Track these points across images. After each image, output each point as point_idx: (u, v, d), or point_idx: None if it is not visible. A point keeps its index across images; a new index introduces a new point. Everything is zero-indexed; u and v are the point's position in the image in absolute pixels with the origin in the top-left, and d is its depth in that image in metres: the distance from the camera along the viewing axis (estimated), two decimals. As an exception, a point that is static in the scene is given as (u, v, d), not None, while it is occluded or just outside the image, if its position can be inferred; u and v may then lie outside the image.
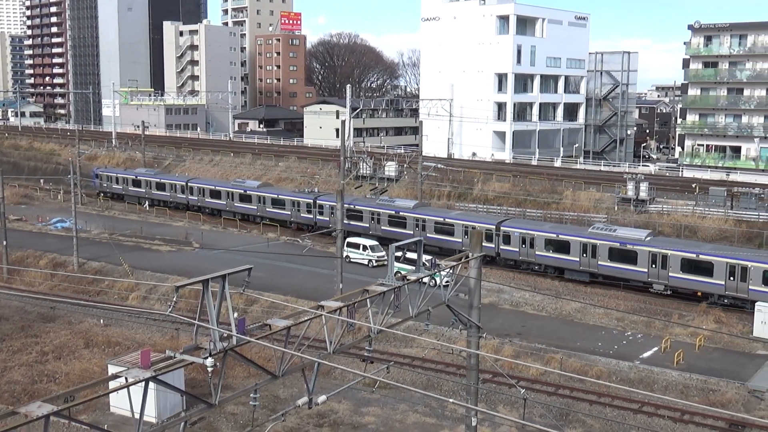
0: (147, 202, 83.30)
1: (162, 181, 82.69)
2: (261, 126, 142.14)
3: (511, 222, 57.10)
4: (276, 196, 71.74)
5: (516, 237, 54.69)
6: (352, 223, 63.09)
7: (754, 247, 53.74)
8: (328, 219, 64.95)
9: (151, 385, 14.03)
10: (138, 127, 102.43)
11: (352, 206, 63.47)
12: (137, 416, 13.64)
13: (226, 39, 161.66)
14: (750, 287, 45.12)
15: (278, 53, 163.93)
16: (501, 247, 55.60)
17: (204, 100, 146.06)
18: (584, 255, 51.54)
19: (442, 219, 59.28)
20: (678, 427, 31.69)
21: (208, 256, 56.90)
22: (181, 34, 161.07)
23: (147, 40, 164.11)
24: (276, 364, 16.67)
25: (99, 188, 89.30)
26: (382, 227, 62.67)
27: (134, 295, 50.38)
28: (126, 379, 13.77)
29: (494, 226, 55.79)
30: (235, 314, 15.42)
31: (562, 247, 52.50)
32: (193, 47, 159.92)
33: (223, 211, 75.54)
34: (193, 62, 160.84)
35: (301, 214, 68.75)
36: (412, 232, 59.65)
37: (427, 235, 58.32)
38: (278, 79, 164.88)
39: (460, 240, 57.22)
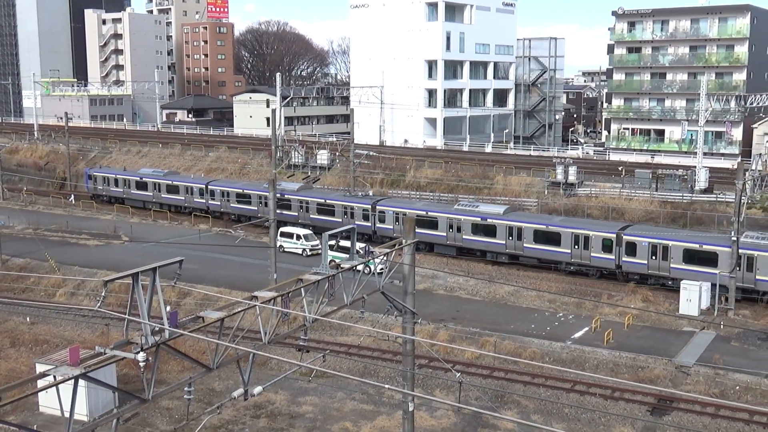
0: (153, 207, 74.06)
1: (174, 183, 73.63)
2: (190, 116, 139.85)
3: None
4: (323, 200, 63.19)
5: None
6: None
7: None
8: (391, 227, 58.29)
9: (82, 382, 13.71)
10: (61, 118, 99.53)
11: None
12: (67, 415, 13.29)
13: (152, 27, 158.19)
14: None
15: (206, 42, 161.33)
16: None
17: (130, 90, 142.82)
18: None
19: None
20: (609, 404, 32.50)
21: (138, 250, 55.80)
22: (104, 22, 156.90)
23: (68, 28, 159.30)
24: (210, 356, 16.46)
25: (93, 191, 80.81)
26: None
27: (62, 292, 49.06)
28: (54, 377, 13.42)
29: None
30: (167, 308, 15.16)
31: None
32: (117, 36, 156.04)
33: (254, 218, 63.84)
34: (118, 51, 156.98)
35: (357, 222, 58.97)
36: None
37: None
38: (206, 68, 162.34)
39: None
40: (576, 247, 50.54)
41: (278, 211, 62.35)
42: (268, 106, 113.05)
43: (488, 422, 30.80)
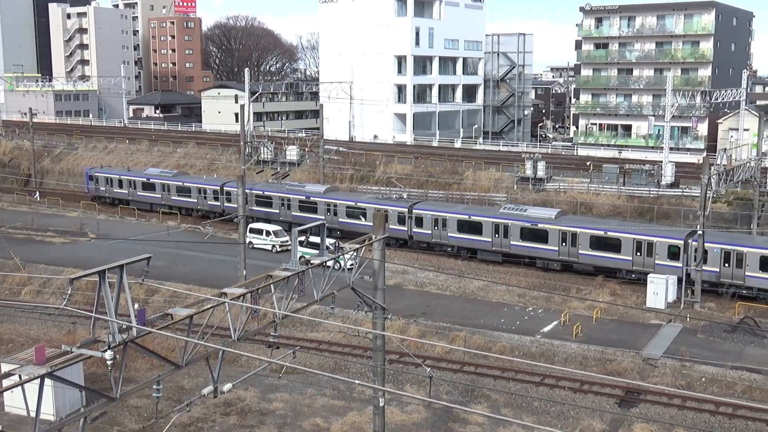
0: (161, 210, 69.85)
1: (186, 184, 69.54)
2: (157, 112, 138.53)
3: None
4: (353, 203, 59.59)
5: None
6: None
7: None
8: (429, 232, 55.68)
9: (48, 381, 13.54)
10: (25, 114, 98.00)
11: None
12: (33, 415, 13.11)
13: (118, 22, 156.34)
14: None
15: (173, 36, 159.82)
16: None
17: (96, 85, 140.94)
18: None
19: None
20: (578, 397, 32.79)
21: (105, 247, 55.17)
22: (69, 16, 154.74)
23: (32, 23, 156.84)
24: (179, 354, 16.33)
25: (94, 192, 76.68)
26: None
27: (27, 290, 48.33)
28: (20, 376, 13.22)
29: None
30: (135, 305, 15.01)
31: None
32: (82, 30, 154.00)
33: (274, 221, 61.50)
34: (83, 46, 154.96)
35: (391, 226, 56.34)
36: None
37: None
38: (174, 63, 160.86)
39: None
40: (638, 254, 47.41)
41: (302, 215, 60.16)
42: (236, 101, 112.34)
43: (459, 416, 30.93)
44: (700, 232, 43.39)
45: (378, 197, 60.09)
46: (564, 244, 50.23)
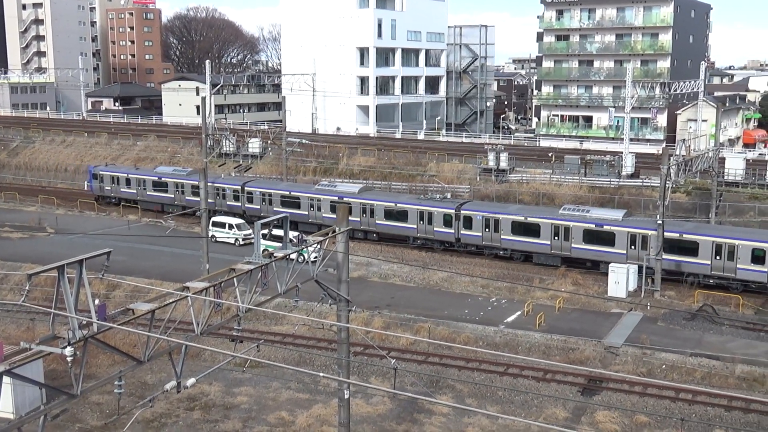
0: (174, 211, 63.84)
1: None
2: (116, 104, 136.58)
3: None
4: (393, 204, 55.98)
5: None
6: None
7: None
8: (479, 235, 52.42)
9: (7, 379, 13.31)
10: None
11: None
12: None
13: (74, 13, 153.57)
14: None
15: (132, 28, 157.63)
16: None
17: (53, 77, 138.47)
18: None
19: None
20: (541, 386, 33.10)
21: (64, 242, 54.33)
22: (24, 7, 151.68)
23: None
24: (141, 349, 16.13)
25: (98, 192, 72.18)
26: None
27: (-16, 286, 47.44)
28: (-24, 375, 12.93)
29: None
30: (96, 300, 14.79)
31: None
32: (38, 21, 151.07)
33: (301, 223, 57.87)
34: (39, 38, 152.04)
35: (436, 229, 54.09)
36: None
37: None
38: (133, 55, 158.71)
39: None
40: (718, 258, 44.65)
41: (334, 216, 57.23)
42: (197, 94, 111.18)
43: (423, 407, 31.03)
44: (660, 221, 43.99)
45: (419, 197, 56.82)
46: (633, 247, 47.30)
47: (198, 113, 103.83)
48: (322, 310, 36.40)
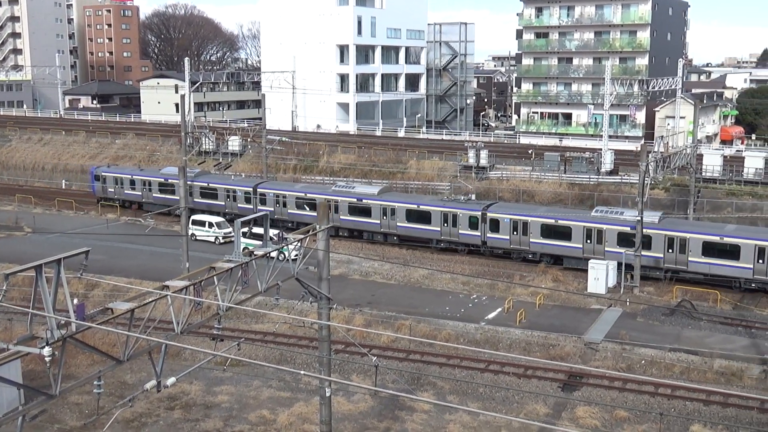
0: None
1: (212, 185, 62.69)
2: (94, 102, 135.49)
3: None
4: (415, 206, 53.93)
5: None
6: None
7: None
8: (507, 238, 50.63)
9: (-17, 380, 13.14)
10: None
11: None
12: (-33, 415, 12.70)
13: (51, 10, 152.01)
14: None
15: (109, 25, 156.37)
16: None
17: (29, 75, 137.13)
18: (588, 242, 48.70)
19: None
20: (522, 382, 33.23)
21: (42, 241, 53.83)
22: (0, 4, 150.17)
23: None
24: (120, 348, 16.02)
25: (101, 194, 69.28)
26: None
27: (-39, 286, 46.85)
28: (-47, 376, 12.80)
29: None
30: (74, 300, 14.66)
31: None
32: (14, 19, 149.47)
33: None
34: (15, 35, 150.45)
35: (461, 231, 52.23)
36: None
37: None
38: (111, 53, 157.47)
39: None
40: (761, 262, 43.41)
41: (352, 218, 55.40)
42: (176, 91, 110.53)
43: (405, 404, 31.06)
44: (638, 218, 44.28)
45: (443, 199, 54.85)
46: (670, 250, 45.79)
47: (177, 111, 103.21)
48: (302, 308, 36.34)
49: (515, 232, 50.22)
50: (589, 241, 47.98)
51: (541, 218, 49.40)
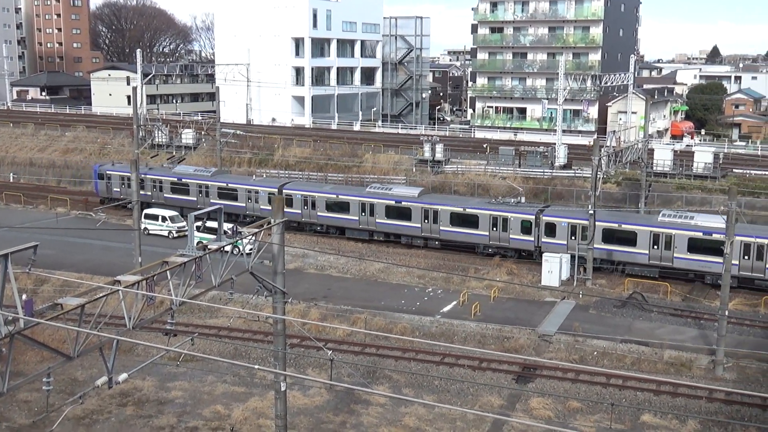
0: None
1: (231, 185, 59.38)
2: (43, 94, 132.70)
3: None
4: (461, 209, 51.06)
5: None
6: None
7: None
8: (564, 243, 47.99)
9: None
10: None
11: None
12: None
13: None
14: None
15: (58, 15, 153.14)
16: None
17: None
18: (655, 247, 46.46)
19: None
20: (477, 375, 33.46)
21: (-10, 235, 52.61)
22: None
23: None
24: (71, 345, 15.75)
25: (105, 194, 64.55)
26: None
27: None
28: None
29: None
30: (23, 296, 14.38)
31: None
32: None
33: (350, 229, 54.63)
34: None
35: (512, 236, 49.55)
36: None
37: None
38: (60, 43, 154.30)
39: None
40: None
41: (389, 222, 52.86)
42: (128, 83, 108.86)
43: (360, 398, 31.07)
44: (591, 211, 44.85)
45: (490, 201, 51.89)
46: (747, 257, 43.33)
47: (129, 103, 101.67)
48: (257, 302, 36.12)
49: (573, 237, 47.63)
50: (656, 247, 45.65)
51: (602, 222, 46.64)
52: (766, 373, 33.19)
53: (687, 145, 77.49)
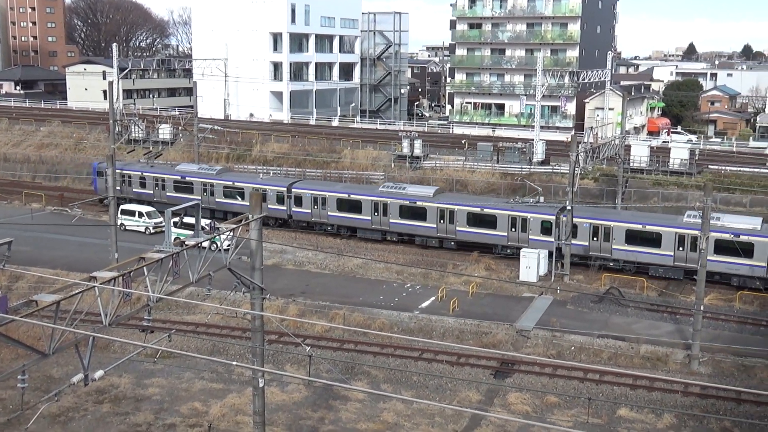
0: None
1: (237, 184, 57.79)
2: (17, 88, 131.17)
3: (577, 210, 47.00)
4: (479, 209, 49.79)
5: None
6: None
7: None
8: (586, 244, 46.87)
9: None
10: None
11: None
12: None
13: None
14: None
15: (33, 8, 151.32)
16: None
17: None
18: (680, 249, 45.08)
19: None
20: (455, 370, 33.56)
21: (-36, 231, 51.96)
22: None
23: None
24: (46, 342, 15.58)
25: (104, 192, 54.55)
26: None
27: None
28: None
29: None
30: (-4, 292, 14.18)
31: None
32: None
33: (362, 229, 53.49)
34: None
35: (531, 237, 48.19)
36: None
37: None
38: (35, 37, 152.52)
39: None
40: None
41: (404, 222, 51.75)
42: (104, 78, 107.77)
43: (339, 394, 31.05)
44: (569, 207, 45.05)
45: (508, 201, 50.78)
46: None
47: (105, 98, 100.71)
48: (235, 298, 35.97)
49: (595, 238, 46.53)
50: (681, 248, 44.41)
51: (625, 223, 45.81)
52: (741, 368, 33.56)
53: (663, 142, 78.15)
